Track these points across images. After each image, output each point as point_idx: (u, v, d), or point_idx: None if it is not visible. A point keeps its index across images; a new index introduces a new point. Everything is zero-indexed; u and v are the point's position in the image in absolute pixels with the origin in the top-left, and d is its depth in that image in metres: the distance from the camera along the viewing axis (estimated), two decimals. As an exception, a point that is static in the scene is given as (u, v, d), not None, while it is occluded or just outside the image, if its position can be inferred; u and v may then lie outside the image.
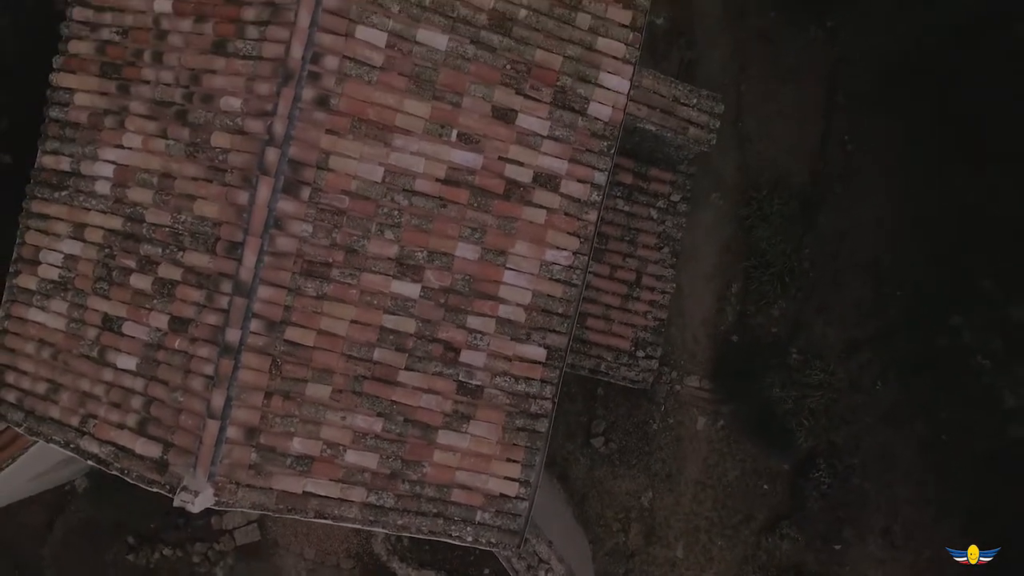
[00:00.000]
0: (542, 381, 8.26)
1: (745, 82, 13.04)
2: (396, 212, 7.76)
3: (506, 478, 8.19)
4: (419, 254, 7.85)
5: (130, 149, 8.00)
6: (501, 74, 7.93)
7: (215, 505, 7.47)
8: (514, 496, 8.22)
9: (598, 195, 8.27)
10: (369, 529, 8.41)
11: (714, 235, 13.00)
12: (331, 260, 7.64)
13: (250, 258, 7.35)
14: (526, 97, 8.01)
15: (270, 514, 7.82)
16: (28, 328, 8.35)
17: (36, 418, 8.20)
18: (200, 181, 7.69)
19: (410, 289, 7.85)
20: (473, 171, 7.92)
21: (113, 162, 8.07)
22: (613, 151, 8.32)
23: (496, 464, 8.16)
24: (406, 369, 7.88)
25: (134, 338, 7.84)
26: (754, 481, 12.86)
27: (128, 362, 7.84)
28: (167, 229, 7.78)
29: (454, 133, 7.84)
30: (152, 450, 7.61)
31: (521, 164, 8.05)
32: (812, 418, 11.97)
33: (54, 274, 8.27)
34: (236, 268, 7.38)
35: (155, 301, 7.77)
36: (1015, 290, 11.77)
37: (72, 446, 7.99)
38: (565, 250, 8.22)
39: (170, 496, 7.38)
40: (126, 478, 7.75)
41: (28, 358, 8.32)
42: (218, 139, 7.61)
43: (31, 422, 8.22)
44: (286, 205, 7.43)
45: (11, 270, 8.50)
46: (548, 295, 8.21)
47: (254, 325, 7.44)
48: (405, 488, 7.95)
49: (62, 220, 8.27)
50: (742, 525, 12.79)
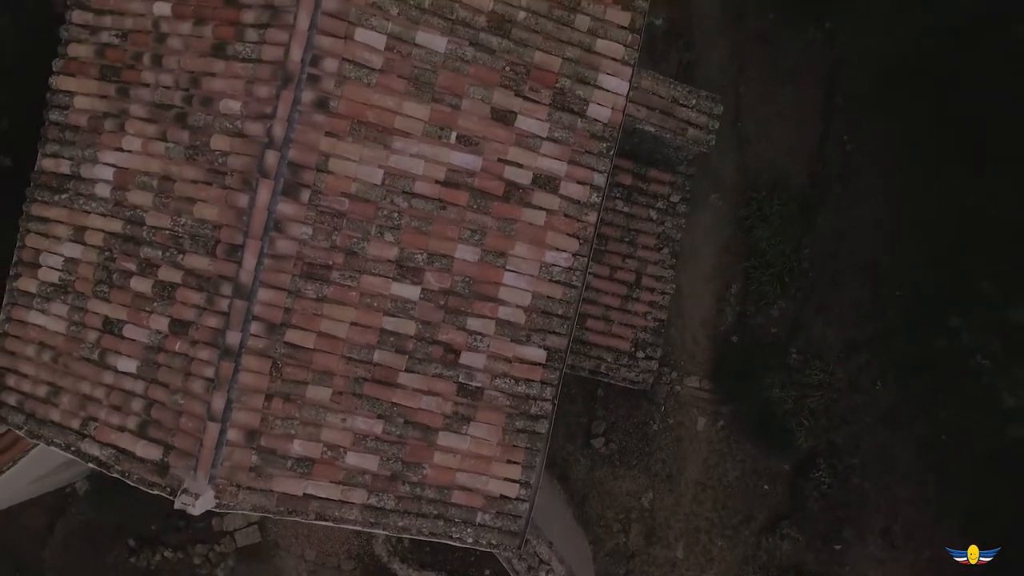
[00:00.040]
0: (542, 382, 8.26)
1: (744, 83, 13.04)
2: (396, 214, 7.77)
3: (506, 479, 8.20)
4: (419, 256, 7.86)
5: (130, 152, 8.01)
6: (500, 76, 7.94)
7: (216, 507, 7.47)
8: (514, 497, 8.23)
9: (597, 196, 8.28)
10: (370, 531, 8.41)
11: (713, 236, 13.00)
12: (331, 262, 7.65)
13: (250, 261, 7.36)
14: (525, 99, 8.01)
15: (271, 516, 7.82)
16: (28, 331, 8.36)
17: (37, 421, 8.20)
18: (200, 184, 7.70)
19: (410, 291, 7.85)
20: (472, 173, 7.93)
21: (113, 165, 8.08)
22: (612, 152, 8.32)
23: (496, 465, 8.16)
24: (406, 371, 7.89)
25: (134, 341, 7.85)
26: (754, 481, 12.85)
27: (128, 365, 7.84)
28: (167, 232, 7.79)
29: (453, 135, 7.85)
30: (153, 453, 7.61)
31: (520, 166, 8.05)
32: (812, 418, 11.96)
33: (54, 277, 8.27)
34: (236, 271, 7.38)
35: (155, 304, 7.78)
36: (1014, 291, 11.77)
37: (73, 449, 8.00)
38: (565, 251, 8.22)
39: (171, 499, 7.38)
40: (127, 481, 7.75)
41: (28, 361, 8.33)
42: (218, 142, 7.62)
43: (32, 425, 8.23)
44: (286, 208, 7.44)
45: (11, 273, 8.51)
46: (548, 296, 8.21)
47: (254, 328, 7.44)
48: (405, 490, 7.96)
49: (62, 223, 8.28)
50: (742, 525, 12.79)
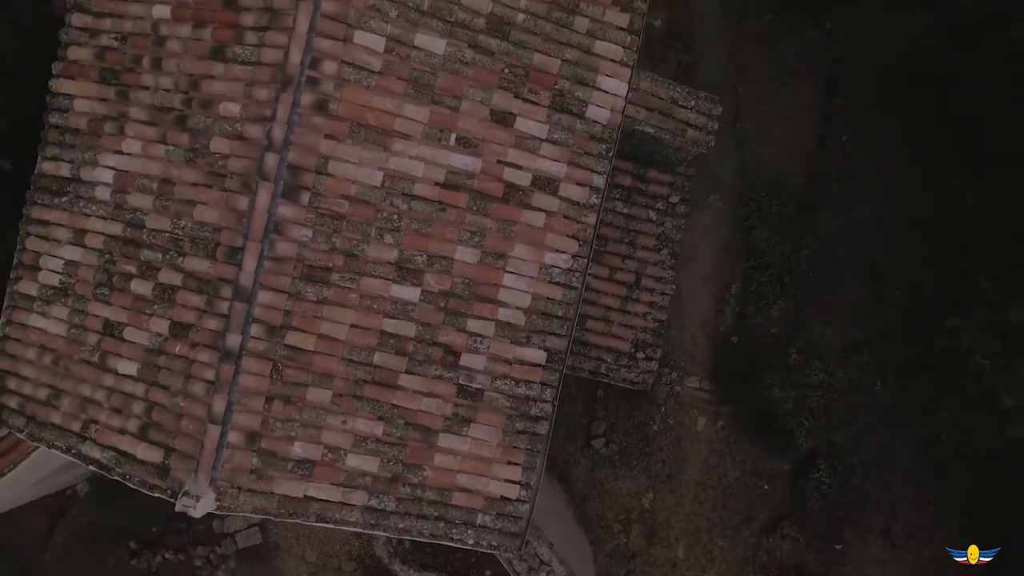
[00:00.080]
0: (542, 384, 8.27)
1: (743, 84, 13.05)
2: (395, 216, 7.77)
3: (507, 481, 8.21)
4: (419, 258, 7.87)
5: (130, 155, 8.02)
6: (499, 78, 7.94)
7: (216, 510, 7.48)
8: (515, 499, 8.24)
9: (597, 198, 8.28)
10: (370, 532, 8.42)
11: (713, 236, 13.00)
12: (331, 264, 7.66)
13: (250, 263, 7.37)
14: (524, 101, 8.02)
15: (271, 518, 7.82)
16: (29, 334, 8.36)
17: (37, 424, 8.22)
18: (200, 187, 7.70)
19: (410, 293, 7.86)
20: (472, 175, 7.93)
21: (113, 168, 8.08)
22: (612, 154, 8.33)
23: (497, 467, 8.17)
24: (406, 373, 7.90)
25: (135, 343, 7.85)
26: (754, 481, 12.86)
27: (129, 367, 7.85)
28: (167, 235, 7.79)
29: (453, 137, 7.85)
30: (153, 455, 7.62)
31: (520, 167, 8.06)
32: (812, 418, 11.97)
33: (55, 280, 8.28)
34: (236, 273, 7.39)
35: (156, 307, 7.79)
36: (1014, 291, 11.77)
37: (73, 452, 8.01)
38: (564, 253, 8.23)
39: (172, 501, 7.39)
40: (128, 483, 7.76)
41: (29, 364, 8.34)
42: (217, 144, 7.62)
43: (32, 428, 8.24)
44: (286, 210, 7.44)
45: (12, 276, 8.52)
46: (548, 298, 8.22)
47: (254, 330, 7.45)
48: (406, 491, 7.97)
49: (62, 226, 8.28)
50: (743, 525, 12.80)
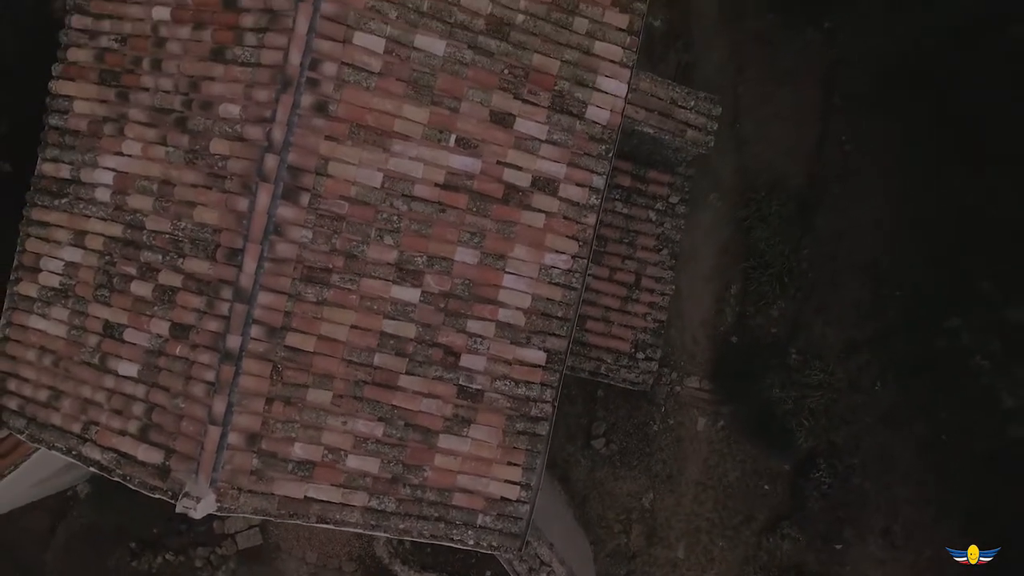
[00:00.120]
0: (542, 384, 8.28)
1: (742, 84, 13.05)
2: (395, 217, 7.78)
3: (507, 481, 8.22)
4: (418, 259, 7.87)
5: (130, 156, 8.03)
6: (499, 79, 7.95)
7: (217, 511, 7.49)
8: (515, 499, 8.25)
9: (597, 198, 8.29)
10: (371, 533, 8.42)
11: (712, 236, 13.01)
12: (331, 266, 7.66)
13: (250, 264, 7.37)
14: (524, 102, 8.03)
15: (272, 519, 7.83)
16: (29, 335, 8.37)
17: (38, 425, 8.22)
18: (200, 188, 7.71)
19: (410, 294, 7.87)
20: (472, 176, 7.94)
21: (113, 169, 8.09)
22: (611, 154, 8.34)
23: (497, 468, 8.18)
24: (406, 374, 7.90)
25: (135, 345, 7.86)
26: (755, 481, 12.87)
27: (129, 369, 7.85)
28: (167, 236, 7.80)
29: (452, 138, 7.86)
30: (154, 456, 7.62)
31: (520, 168, 8.07)
32: (812, 418, 11.97)
33: (55, 281, 8.29)
34: (236, 274, 7.39)
35: (156, 308, 7.79)
36: (1014, 291, 11.77)
37: (74, 453, 8.01)
38: (564, 254, 8.24)
39: (172, 502, 7.40)
40: (128, 484, 7.76)
41: (30, 365, 8.35)
42: (217, 146, 7.63)
43: (33, 429, 8.24)
44: (286, 211, 7.45)
45: (12, 278, 8.52)
46: (548, 299, 8.23)
47: (255, 331, 7.46)
48: (406, 492, 7.98)
49: (62, 227, 8.29)
50: (743, 525, 12.80)
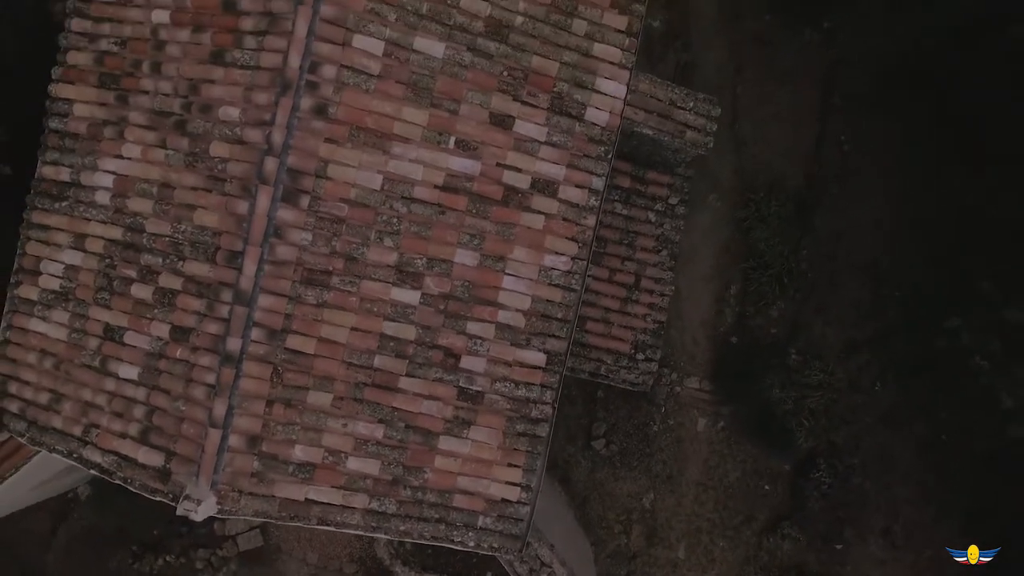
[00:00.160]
0: (542, 386, 8.28)
1: (741, 84, 13.07)
2: (395, 219, 7.78)
3: (507, 483, 8.22)
4: (418, 261, 7.87)
5: (129, 159, 8.03)
6: (498, 81, 7.95)
7: (218, 513, 7.49)
8: (516, 501, 8.25)
9: (596, 200, 8.29)
10: (371, 535, 8.43)
11: (712, 237, 13.02)
12: (331, 268, 7.67)
13: (250, 267, 7.37)
14: (523, 103, 8.03)
15: (273, 521, 7.84)
16: (30, 338, 8.37)
17: (39, 428, 8.22)
18: (200, 191, 7.71)
19: (410, 296, 7.87)
20: (471, 178, 7.94)
21: (113, 172, 8.09)
22: (611, 156, 8.34)
23: (497, 469, 8.18)
24: (407, 375, 7.91)
25: (135, 348, 7.86)
26: (755, 482, 12.88)
27: (130, 372, 7.86)
28: (167, 239, 7.80)
29: (452, 140, 7.86)
30: (154, 459, 7.63)
31: (519, 170, 8.07)
32: (812, 418, 11.98)
33: (55, 284, 8.29)
34: (236, 277, 7.40)
35: (156, 311, 7.79)
36: (1013, 292, 11.78)
37: (75, 456, 8.01)
38: (564, 255, 8.24)
39: (173, 505, 7.40)
40: (129, 487, 7.76)
41: (30, 368, 8.35)
42: (217, 149, 7.63)
43: (34, 432, 8.25)
44: (285, 214, 7.45)
45: (12, 281, 8.52)
46: (547, 300, 8.23)
47: (255, 334, 7.46)
48: (407, 494, 7.98)
49: (62, 230, 8.29)
50: (743, 526, 12.81)
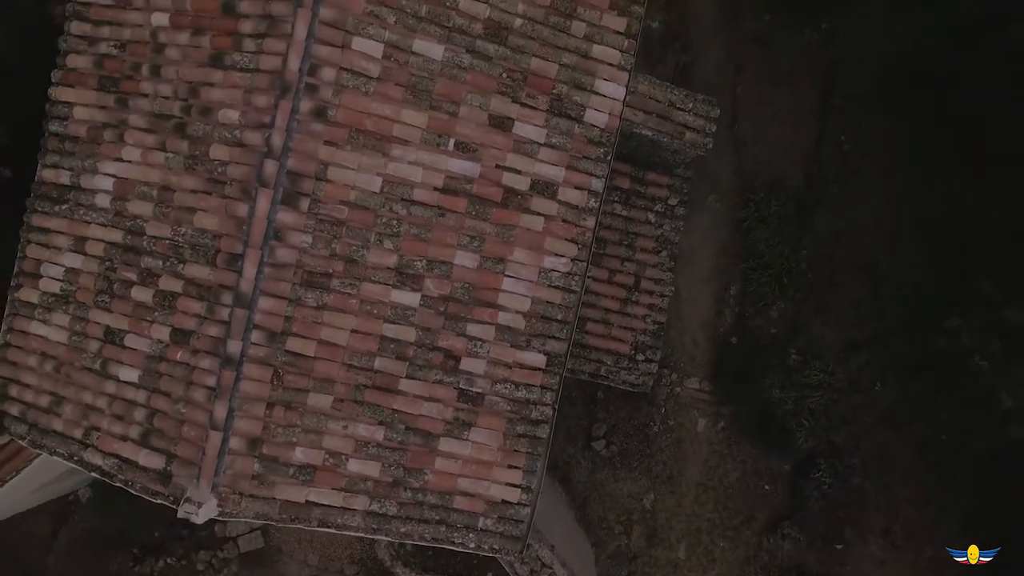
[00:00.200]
0: (542, 387, 8.28)
1: (741, 85, 13.07)
2: (395, 222, 7.79)
3: (508, 484, 8.22)
4: (418, 263, 7.88)
5: (129, 162, 8.03)
6: (497, 83, 7.96)
7: (219, 516, 7.50)
8: (516, 502, 8.26)
9: (595, 201, 8.29)
10: (372, 537, 8.43)
11: (711, 238, 13.03)
12: (331, 270, 7.67)
13: (250, 270, 7.38)
14: (523, 105, 8.04)
15: (273, 523, 7.85)
16: (30, 341, 8.38)
17: (39, 431, 8.23)
18: (199, 194, 7.72)
19: (410, 298, 7.88)
20: (471, 180, 7.95)
21: (113, 175, 8.10)
22: (610, 157, 8.34)
23: (498, 470, 8.19)
24: (407, 377, 7.92)
25: (136, 350, 7.87)
26: (755, 482, 12.89)
27: (130, 374, 7.87)
28: (167, 242, 7.81)
29: (451, 142, 7.87)
30: (155, 462, 7.64)
31: (519, 172, 8.07)
32: (812, 418, 11.99)
33: (56, 287, 8.30)
34: (236, 280, 7.41)
35: (156, 313, 7.80)
36: (1013, 292, 11.80)
37: (76, 459, 8.02)
38: (563, 257, 8.25)
39: (174, 507, 7.41)
40: (130, 490, 7.77)
41: (31, 371, 8.36)
42: (217, 151, 7.64)
43: (34, 435, 8.25)
44: (285, 216, 7.46)
45: (13, 284, 8.53)
46: (547, 302, 8.24)
47: (255, 336, 7.47)
48: (407, 496, 7.99)
49: (63, 233, 8.30)
50: (743, 526, 12.82)
